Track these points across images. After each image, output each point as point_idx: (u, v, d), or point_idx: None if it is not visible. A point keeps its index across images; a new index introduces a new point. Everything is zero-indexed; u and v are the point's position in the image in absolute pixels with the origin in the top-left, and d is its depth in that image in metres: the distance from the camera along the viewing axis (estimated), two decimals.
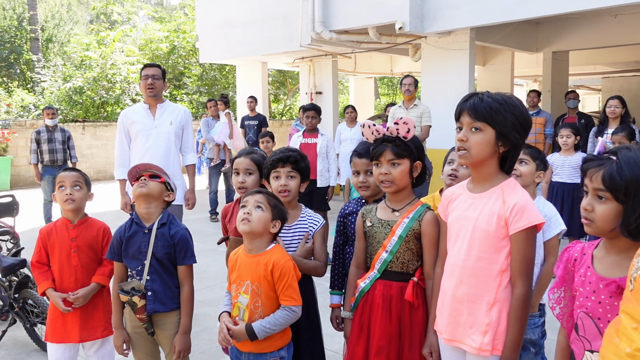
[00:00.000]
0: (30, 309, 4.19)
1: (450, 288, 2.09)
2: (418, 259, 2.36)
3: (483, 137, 1.96)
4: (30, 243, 6.33)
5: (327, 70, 11.86)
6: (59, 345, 3.00)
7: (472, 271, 2.01)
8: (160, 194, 2.78)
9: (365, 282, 2.43)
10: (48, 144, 8.40)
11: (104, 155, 16.08)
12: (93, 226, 3.09)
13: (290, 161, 2.74)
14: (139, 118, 4.63)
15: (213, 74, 20.91)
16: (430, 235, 2.32)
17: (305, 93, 12.01)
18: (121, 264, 2.81)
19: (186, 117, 4.78)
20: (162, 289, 2.72)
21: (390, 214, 2.41)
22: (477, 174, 2.06)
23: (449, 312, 2.09)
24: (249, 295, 2.37)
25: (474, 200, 2.05)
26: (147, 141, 4.58)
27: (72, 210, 3.02)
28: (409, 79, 7.61)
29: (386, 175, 2.33)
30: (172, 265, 2.76)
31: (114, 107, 17.82)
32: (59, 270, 2.99)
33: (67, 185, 2.99)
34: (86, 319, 3.00)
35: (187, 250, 2.75)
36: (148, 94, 4.58)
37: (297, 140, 6.54)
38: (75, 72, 17.81)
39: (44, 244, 3.03)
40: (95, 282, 3.01)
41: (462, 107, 2.02)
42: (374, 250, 2.43)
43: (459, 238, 2.08)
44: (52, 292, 2.96)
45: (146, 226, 2.77)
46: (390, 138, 2.33)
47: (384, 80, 29.05)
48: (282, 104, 24.72)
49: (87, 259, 3.02)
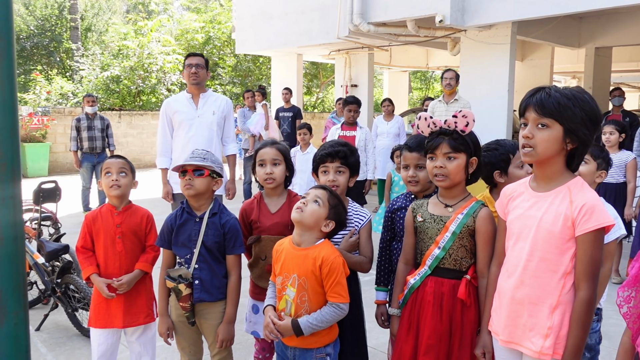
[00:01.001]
0: (72, 294, 4.25)
1: (509, 289, 2.02)
2: (471, 257, 2.30)
3: (550, 134, 1.88)
4: (69, 229, 6.45)
5: (363, 63, 11.76)
6: (102, 330, 3.02)
7: (535, 272, 1.94)
8: (207, 187, 2.75)
9: (415, 278, 2.38)
10: (87, 131, 8.52)
11: (139, 143, 16.30)
12: (137, 213, 3.10)
13: (340, 156, 2.69)
14: (181, 107, 4.64)
15: (247, 65, 20.98)
16: (485, 233, 2.25)
17: (341, 86, 11.94)
18: (170, 251, 2.81)
19: (228, 107, 4.78)
20: (210, 278, 2.71)
21: (443, 210, 2.35)
22: (542, 172, 1.98)
23: (507, 314, 2.02)
24: (295, 288, 2.33)
25: (538, 200, 1.97)
26: (190, 130, 4.59)
27: (118, 197, 3.03)
28: (451, 72, 7.48)
29: (441, 168, 2.26)
30: (221, 255, 2.75)
31: (149, 96, 18.04)
32: (103, 256, 3.01)
33: (114, 171, 3.01)
34: (129, 305, 3.02)
35: (236, 239, 2.74)
36: (191, 81, 4.58)
37: (336, 133, 6.49)
38: (113, 61, 18.07)
39: (89, 230, 3.05)
40: (138, 268, 3.02)
41: (527, 102, 1.93)
42: (424, 246, 2.36)
43: (520, 237, 2.00)
44: (96, 277, 2.98)
45: (197, 215, 2.76)
46: (447, 131, 2.27)
47: (417, 75, 28.73)
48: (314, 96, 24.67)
49: (131, 245, 3.04)
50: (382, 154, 8.54)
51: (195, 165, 2.71)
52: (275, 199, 2.90)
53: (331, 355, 2.39)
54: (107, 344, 3.02)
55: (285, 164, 2.87)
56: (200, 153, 2.76)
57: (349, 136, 6.42)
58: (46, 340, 4.20)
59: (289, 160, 2.91)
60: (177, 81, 18.33)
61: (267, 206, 2.88)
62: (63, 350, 4.02)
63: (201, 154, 2.76)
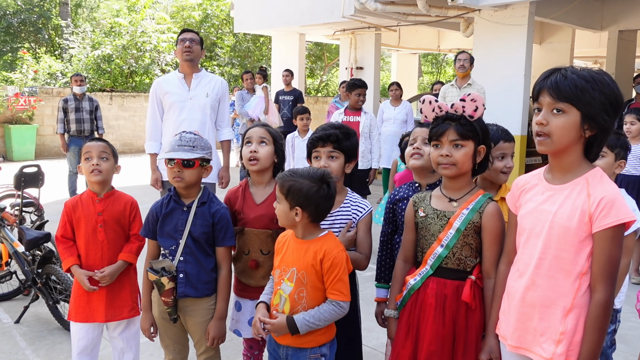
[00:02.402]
0: (53, 285, 4.23)
1: (519, 290, 1.96)
2: (476, 256, 2.24)
3: (566, 120, 1.81)
4: (54, 216, 6.42)
5: (370, 44, 11.66)
6: (83, 324, 2.99)
7: (548, 272, 1.88)
8: (198, 178, 2.71)
9: (416, 278, 2.32)
10: (75, 113, 8.48)
11: (131, 127, 16.27)
12: (120, 200, 3.06)
13: (331, 140, 2.59)
14: (173, 88, 4.57)
15: (247, 45, 20.88)
16: (492, 230, 2.19)
17: (345, 68, 11.86)
18: (155, 242, 2.77)
19: (223, 88, 4.71)
20: (196, 272, 2.67)
21: (447, 204, 2.29)
22: (558, 162, 1.91)
23: (517, 317, 1.97)
24: (293, 283, 2.28)
25: (553, 192, 1.90)
26: (182, 113, 4.53)
27: (99, 182, 2.99)
28: (465, 54, 7.41)
29: (447, 157, 2.20)
30: (209, 247, 2.71)
31: (142, 77, 17.99)
32: (84, 245, 2.98)
33: (94, 155, 2.96)
34: (112, 298, 2.99)
35: (227, 230, 2.69)
36: (185, 57, 4.51)
37: (339, 118, 6.43)
38: (104, 40, 18.00)
39: (69, 218, 3.01)
40: (122, 259, 2.99)
41: (541, 86, 1.86)
42: (426, 244, 2.31)
43: (532, 234, 1.94)
44: (77, 268, 2.95)
45: (185, 203, 2.72)
46: (454, 116, 2.20)
47: (428, 57, 28.56)
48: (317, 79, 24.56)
49: (114, 234, 3.00)
50: (388, 141, 8.48)
51: (183, 157, 2.63)
52: (261, 188, 2.84)
53: (327, 356, 2.34)
54: (88, 339, 3.00)
55: (274, 147, 2.81)
56: (188, 140, 2.68)
57: (352, 122, 6.36)
58: (26, 333, 4.18)
59: (280, 145, 2.85)
60: (172, 61, 18.24)
61: (252, 196, 2.83)
62: (43, 345, 4.00)
63: (190, 140, 2.68)
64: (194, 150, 2.67)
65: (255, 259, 2.77)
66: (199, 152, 2.67)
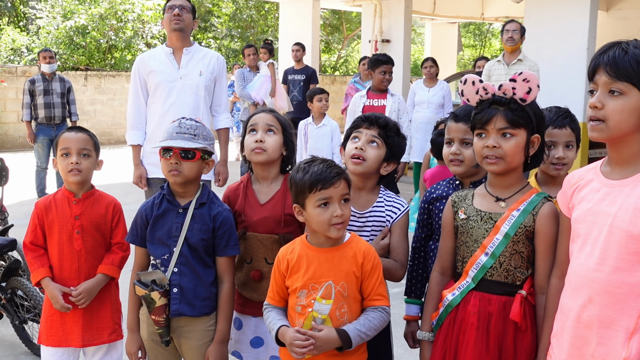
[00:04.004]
0: (20, 302, 4.30)
1: (574, 308, 1.98)
2: (528, 267, 2.27)
3: (626, 103, 1.83)
4: (20, 220, 6.51)
5: (398, 11, 11.67)
6: (56, 349, 3.04)
7: (607, 286, 1.89)
8: (198, 172, 2.74)
9: (455, 293, 2.35)
10: (44, 96, 8.59)
11: (109, 113, 16.43)
12: (101, 202, 3.10)
13: (379, 124, 2.65)
14: (159, 66, 4.61)
15: (249, 13, 20.96)
16: (547, 236, 2.21)
17: (369, 41, 11.89)
18: (144, 250, 2.80)
19: (220, 66, 4.75)
20: (192, 287, 2.70)
21: (494, 204, 2.31)
22: (617, 153, 1.93)
23: (571, 340, 1.98)
24: (331, 299, 2.31)
25: (611, 190, 1.92)
26: (170, 96, 4.56)
27: (78, 183, 3.03)
28: (514, 24, 7.39)
29: (494, 149, 2.21)
30: (209, 257, 2.74)
31: (123, 53, 18.17)
32: (58, 255, 3.02)
33: (73, 152, 2.98)
34: (90, 319, 3.03)
35: (230, 237, 2.72)
36: (173, 26, 4.54)
37: (360, 102, 6.45)
38: (78, 8, 18.19)
39: (41, 222, 3.06)
40: (102, 272, 3.03)
41: (597, 62, 1.88)
42: (467, 252, 2.34)
43: (588, 240, 1.95)
44: (49, 282, 2.99)
45: (181, 204, 2.75)
46: (502, 100, 2.22)
47: (470, 28, 28.48)
48: (335, 54, 24.59)
49: (93, 242, 3.04)
50: (421, 130, 8.49)
51: (183, 147, 2.66)
52: (266, 185, 2.87)
53: None
54: None
55: (283, 137, 2.84)
56: (189, 127, 2.71)
57: (377, 106, 6.38)
58: None
59: (289, 135, 2.88)
60: (159, 33, 18.40)
61: (255, 194, 2.85)
62: None
63: (191, 128, 2.71)
64: (196, 139, 2.69)
65: (259, 269, 2.80)
66: (201, 142, 2.69)
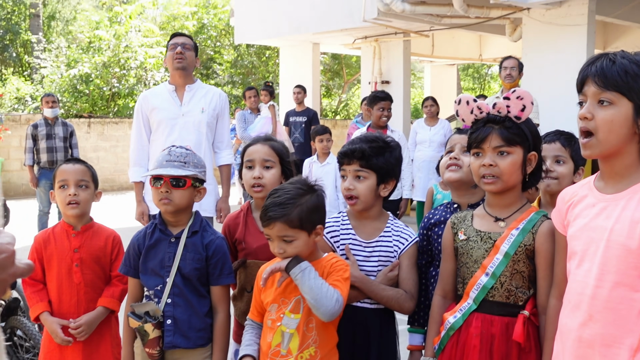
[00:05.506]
0: (19, 342, 4.26)
1: (574, 327, 1.96)
2: (530, 286, 2.26)
3: (616, 113, 1.84)
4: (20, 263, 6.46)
5: (397, 53, 11.79)
6: None
7: (607, 303, 1.87)
8: (189, 201, 2.75)
9: (456, 316, 2.34)
10: (46, 140, 8.64)
11: (112, 159, 16.48)
12: (100, 234, 3.12)
13: (356, 156, 2.61)
14: (162, 103, 4.66)
15: (250, 59, 21.25)
16: (549, 254, 2.21)
17: (368, 83, 11.98)
18: (137, 281, 2.80)
19: (222, 102, 4.79)
20: (187, 317, 2.68)
21: (493, 224, 2.32)
22: (609, 167, 1.93)
23: None
24: (299, 314, 2.33)
25: (607, 204, 1.92)
26: (172, 133, 4.60)
27: (76, 216, 3.04)
28: (512, 60, 7.45)
29: (491, 167, 2.23)
30: (203, 286, 2.73)
31: (126, 99, 18.32)
32: (57, 289, 3.02)
33: (71, 183, 3.01)
34: (90, 353, 3.02)
35: (223, 265, 2.72)
36: (176, 65, 4.59)
37: None
38: (82, 56, 18.43)
39: (40, 255, 3.06)
40: (102, 306, 3.02)
41: (585, 73, 1.91)
42: (468, 273, 2.33)
43: (586, 257, 1.94)
44: (48, 316, 2.98)
45: (173, 233, 2.75)
46: (497, 118, 2.24)
47: (469, 71, 28.76)
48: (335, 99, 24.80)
49: (93, 275, 3.05)
50: (423, 169, 8.49)
51: (173, 175, 2.68)
52: None
53: None
54: None
55: (281, 168, 2.86)
56: (179, 154, 2.74)
57: None
58: None
59: (287, 163, 2.90)
60: (162, 80, 18.59)
61: (255, 222, 2.86)
62: None
63: (181, 155, 2.74)
64: (186, 166, 2.71)
65: None
66: (191, 170, 2.71)
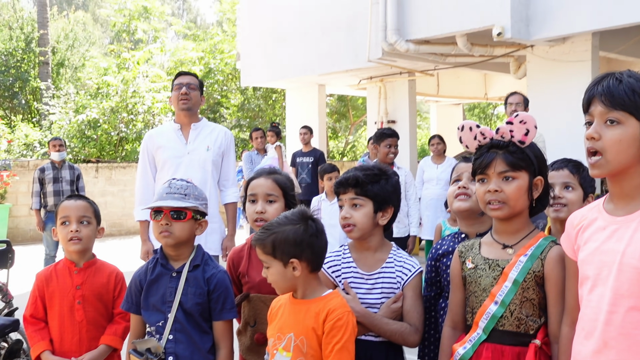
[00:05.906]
0: None
1: (588, 355, 1.90)
2: (541, 315, 2.22)
3: (623, 133, 1.81)
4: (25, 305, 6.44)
5: (403, 92, 11.88)
6: None
7: (622, 329, 1.82)
8: (190, 234, 2.74)
9: (466, 347, 2.29)
10: (53, 184, 8.67)
11: (120, 204, 16.51)
12: (103, 271, 3.11)
13: (350, 184, 2.60)
14: (167, 142, 4.68)
15: (257, 103, 21.43)
16: (559, 280, 2.17)
17: (375, 122, 12.04)
18: (139, 317, 2.77)
19: (227, 140, 4.81)
20: (189, 354, 2.65)
21: (501, 252, 2.29)
22: (619, 188, 1.90)
23: None
24: (290, 352, 2.28)
25: (618, 226, 1.88)
26: (177, 172, 4.59)
27: (78, 252, 3.02)
28: (517, 96, 7.43)
29: (496, 193, 2.20)
30: (205, 321, 2.70)
31: (134, 144, 18.44)
32: (58, 327, 3.01)
33: (73, 219, 3.02)
34: None
35: (225, 299, 2.69)
36: (181, 106, 4.62)
37: None
38: (90, 102, 18.65)
39: (41, 293, 3.06)
40: (104, 344, 3.00)
41: (592, 93, 1.88)
42: (477, 302, 2.30)
43: (598, 281, 1.90)
44: (49, 355, 2.95)
45: (174, 268, 2.73)
46: (501, 143, 2.22)
47: (475, 111, 28.88)
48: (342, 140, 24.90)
49: (95, 312, 3.03)
50: (431, 207, 8.46)
51: (173, 207, 2.67)
52: None
53: None
54: None
55: (284, 202, 2.85)
56: (179, 187, 2.74)
57: None
58: None
59: (291, 197, 2.89)
60: None
61: None
62: None
63: (181, 187, 2.74)
64: (186, 199, 2.70)
65: (263, 332, 2.74)
66: (191, 202, 2.70)
